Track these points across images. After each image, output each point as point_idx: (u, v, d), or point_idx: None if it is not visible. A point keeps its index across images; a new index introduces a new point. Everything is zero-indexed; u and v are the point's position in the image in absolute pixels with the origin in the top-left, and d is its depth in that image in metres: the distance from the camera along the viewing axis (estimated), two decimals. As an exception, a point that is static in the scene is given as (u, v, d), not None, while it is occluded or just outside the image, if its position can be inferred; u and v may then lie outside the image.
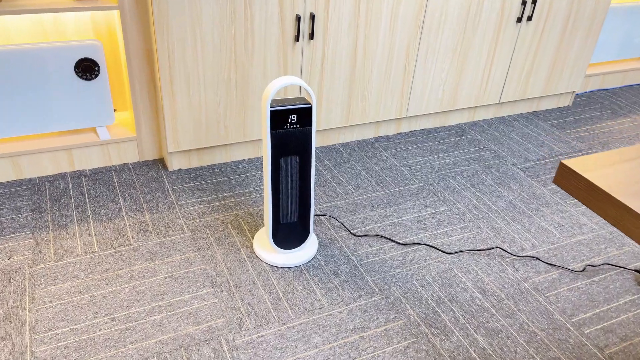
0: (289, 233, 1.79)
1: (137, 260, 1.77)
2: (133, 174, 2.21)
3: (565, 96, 3.04)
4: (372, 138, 2.60)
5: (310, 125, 1.64)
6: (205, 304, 1.63)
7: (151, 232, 1.90)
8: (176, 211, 2.01)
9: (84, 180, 2.15)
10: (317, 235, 1.93)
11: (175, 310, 1.60)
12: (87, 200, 2.04)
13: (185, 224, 1.95)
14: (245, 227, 1.95)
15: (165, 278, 1.71)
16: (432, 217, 2.07)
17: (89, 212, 1.98)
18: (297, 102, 1.61)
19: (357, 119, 2.47)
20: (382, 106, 2.48)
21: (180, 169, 2.26)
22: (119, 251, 1.81)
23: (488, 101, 2.75)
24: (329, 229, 1.97)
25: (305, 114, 1.61)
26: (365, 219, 2.04)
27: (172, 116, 2.09)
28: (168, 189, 2.13)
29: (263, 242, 1.85)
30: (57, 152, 2.13)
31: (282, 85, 1.56)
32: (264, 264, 1.79)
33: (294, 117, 1.61)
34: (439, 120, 2.73)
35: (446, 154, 2.51)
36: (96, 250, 1.81)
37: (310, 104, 1.61)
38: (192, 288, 1.68)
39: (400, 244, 1.92)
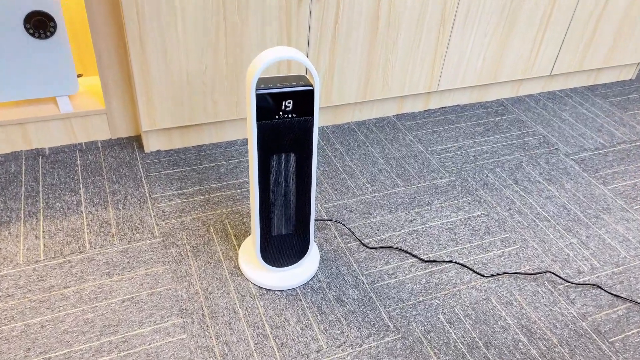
0: (283, 247, 1.40)
1: (91, 274, 1.41)
2: (101, 156, 1.82)
3: (629, 68, 2.54)
4: (394, 116, 2.17)
5: (312, 114, 1.22)
6: (170, 342, 1.27)
7: (113, 236, 1.53)
8: (148, 207, 1.63)
9: (40, 162, 1.77)
10: (320, 245, 1.55)
11: (129, 350, 1.24)
12: (41, 189, 1.67)
13: (157, 225, 1.58)
14: (230, 231, 1.57)
15: (123, 302, 1.35)
16: (465, 224, 1.66)
17: (41, 205, 1.61)
18: (295, 83, 1.19)
19: (377, 93, 2.03)
20: (409, 78, 2.03)
21: (159, 151, 1.87)
22: (69, 261, 1.44)
23: (537, 73, 2.27)
24: (336, 236, 1.58)
25: (304, 99, 1.19)
26: (381, 224, 1.64)
27: (145, 87, 1.68)
28: (141, 177, 1.75)
29: (251, 255, 1.47)
30: (8, 127, 1.75)
31: (271, 61, 1.13)
32: (250, 285, 1.42)
33: (289, 103, 1.19)
34: (476, 94, 2.27)
35: (483, 139, 2.07)
36: (42, 258, 1.45)
37: (311, 85, 1.19)
38: (156, 317, 1.32)
39: (423, 260, 1.53)
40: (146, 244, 1.51)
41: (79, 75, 1.92)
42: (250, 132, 1.20)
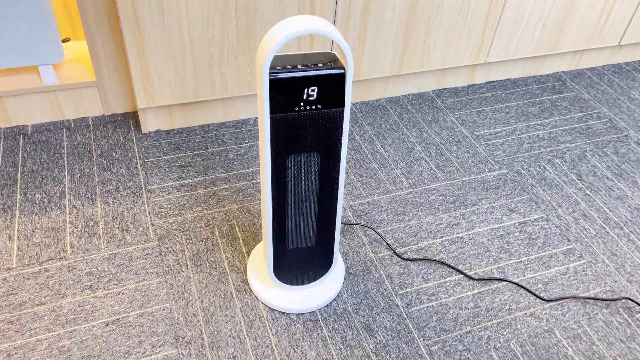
0: (301, 263, 1.15)
1: (71, 287, 1.18)
2: (91, 136, 1.57)
3: None
4: (433, 92, 1.86)
5: (342, 104, 0.93)
6: (161, 381, 1.04)
7: (100, 238, 1.29)
8: (142, 201, 1.38)
9: (21, 143, 1.52)
10: (345, 255, 1.29)
11: (111, 391, 1.02)
12: (19, 177, 1.42)
13: (152, 224, 1.33)
14: (239, 235, 1.32)
15: (107, 325, 1.12)
16: (520, 231, 1.38)
17: (18, 196, 1.37)
18: (321, 65, 0.90)
19: (415, 66, 1.72)
20: (453, 48, 1.72)
21: (158, 131, 1.60)
22: (47, 269, 1.21)
23: (602, 43, 1.93)
24: (364, 243, 1.32)
25: (333, 86, 0.91)
26: (418, 228, 1.37)
27: (140, 58, 1.40)
28: (136, 163, 1.49)
29: (262, 267, 1.22)
30: (-18, 101, 1.50)
31: (290, 36, 0.84)
32: (261, 306, 1.17)
33: (312, 91, 0.90)
34: (529, 67, 1.94)
35: (539, 121, 1.75)
36: (14, 265, 1.21)
37: (343, 68, 0.90)
38: (145, 346, 1.09)
39: (471, 277, 1.26)
40: (138, 249, 1.27)
41: (65, 40, 1.65)
42: (262, 126, 0.93)
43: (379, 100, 1.80)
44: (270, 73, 0.88)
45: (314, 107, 0.92)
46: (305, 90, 0.90)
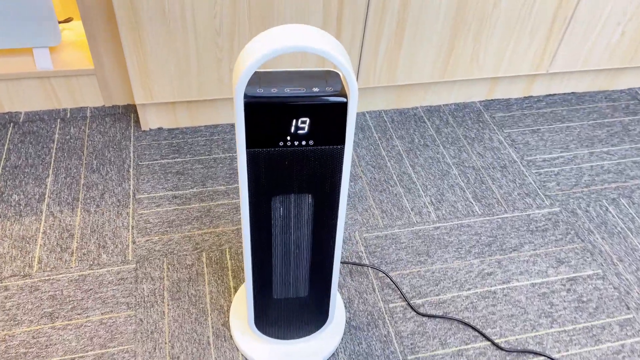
0: (290, 315, 0.95)
1: (29, 313, 1.03)
2: (86, 129, 1.41)
3: None
4: (480, 102, 1.60)
5: (342, 142, 0.72)
6: None
7: (73, 254, 1.13)
8: (127, 213, 1.22)
9: (9, 132, 1.38)
10: (349, 301, 1.08)
11: None
12: (0, 171, 1.29)
13: (134, 242, 1.16)
14: (229, 264, 1.13)
15: (59, 365, 0.96)
16: (568, 290, 1.13)
17: (-7, 196, 1.23)
18: (316, 89, 0.69)
19: (462, 72, 1.47)
20: (510, 53, 1.45)
21: (160, 129, 1.43)
22: (6, 288, 1.06)
23: (695, 56, 1.60)
24: (374, 289, 1.11)
25: (331, 118, 0.69)
26: (442, 275, 1.14)
27: (137, 48, 1.21)
28: (129, 165, 1.33)
29: (247, 313, 1.04)
30: (-29, 84, 1.36)
31: (275, 52, 0.63)
32: (240, 359, 0.99)
33: (303, 122, 0.69)
34: (600, 81, 1.65)
35: (606, 148, 1.47)
36: (-28, 280, 1.08)
37: (345, 96, 0.68)
38: (98, 397, 0.93)
39: (499, 347, 1.03)
40: (112, 271, 1.11)
41: (67, 20, 1.49)
42: (239, 160, 0.73)
43: (415, 109, 1.56)
44: (247, 96, 0.67)
45: (304, 143, 0.71)
46: (294, 121, 0.69)
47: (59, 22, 1.48)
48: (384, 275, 1.13)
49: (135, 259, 1.13)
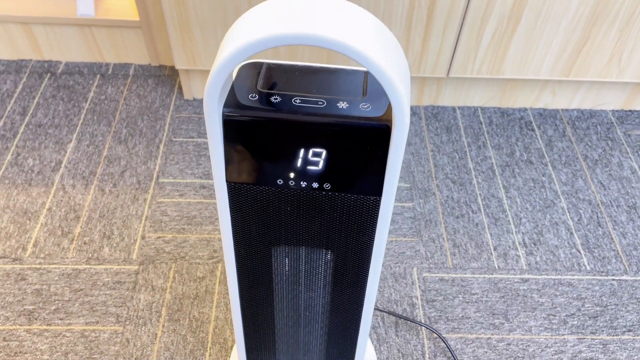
0: (298, 382, 0.71)
1: (8, 307, 0.87)
2: (125, 90, 1.22)
3: None
4: (614, 113, 1.22)
5: (378, 192, 0.45)
6: None
7: (73, 241, 0.96)
8: (145, 200, 1.02)
9: (43, 84, 1.23)
10: (389, 364, 0.82)
11: None
12: (21, 130, 1.14)
13: (143, 238, 0.97)
14: (247, 285, 0.91)
15: (22, 382, 0.80)
16: (703, 407, 0.79)
17: (8, 157, 1.09)
18: (345, 104, 0.42)
19: (594, 72, 1.10)
20: (667, 53, 1.06)
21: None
22: (-8, 271, 0.92)
23: None
24: (422, 354, 0.84)
25: (362, 153, 0.42)
26: (521, 349, 0.84)
27: (177, 1, 0.99)
28: (161, 140, 1.13)
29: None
30: (8, 25, 1.21)
31: (258, 47, 0.37)
32: (232, 418, 0.78)
33: (317, 154, 0.43)
34: None
35: None
36: (-40, 255, 0.94)
37: (388, 121, 0.41)
38: None
39: None
40: (110, 271, 0.92)
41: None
42: (216, 191, 0.48)
43: (524, 111, 1.21)
44: (230, 104, 0.41)
45: (315, 185, 0.45)
46: (301, 152, 0.43)
47: (114, -38, 1.30)
48: (439, 337, 0.85)
49: (139, 259, 0.94)
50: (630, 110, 1.22)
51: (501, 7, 0.98)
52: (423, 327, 0.87)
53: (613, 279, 0.94)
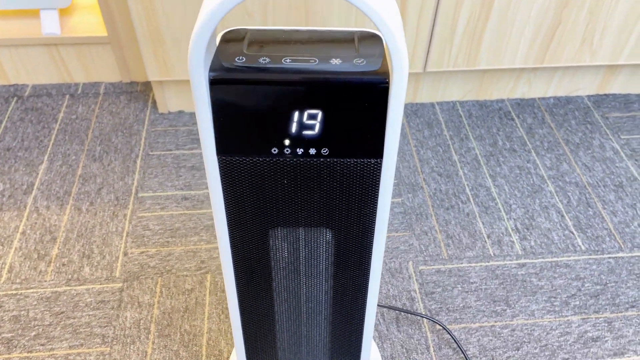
0: (302, 385, 0.68)
1: (-17, 337, 0.82)
2: (96, 108, 1.19)
3: None
4: (589, 98, 1.23)
5: (379, 153, 0.42)
6: None
7: (50, 263, 0.91)
8: (125, 215, 0.98)
9: (12, 107, 1.19)
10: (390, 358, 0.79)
11: None
12: (-11, 155, 1.09)
13: (126, 254, 0.92)
14: (239, 293, 0.87)
15: (3, 415, 0.74)
16: None
17: (-24, 183, 1.04)
18: (337, 59, 0.40)
19: (569, 57, 1.11)
20: (636, 36, 1.08)
21: (180, 113, 1.19)
22: (-36, 301, 0.86)
23: None
24: (426, 348, 0.81)
25: (360, 111, 0.40)
26: (526, 334, 0.82)
27: (145, 7, 0.97)
28: (137, 155, 1.09)
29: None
30: (-29, 49, 1.17)
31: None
32: None
33: (312, 117, 0.41)
34: None
35: None
36: None
37: (385, 75, 0.39)
38: None
39: None
40: (93, 291, 0.87)
41: (82, -22, 1.27)
42: (207, 170, 0.45)
43: (501, 102, 1.22)
44: (216, 68, 0.39)
45: (313, 151, 0.42)
46: (296, 115, 0.40)
47: (78, -18, 1.27)
48: (442, 328, 0.83)
49: (123, 276, 0.89)
50: (605, 94, 1.24)
51: (472, -4, 0.99)
52: (425, 321, 0.84)
53: (609, 257, 0.93)
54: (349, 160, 0.42)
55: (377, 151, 0.42)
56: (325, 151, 0.42)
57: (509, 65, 1.12)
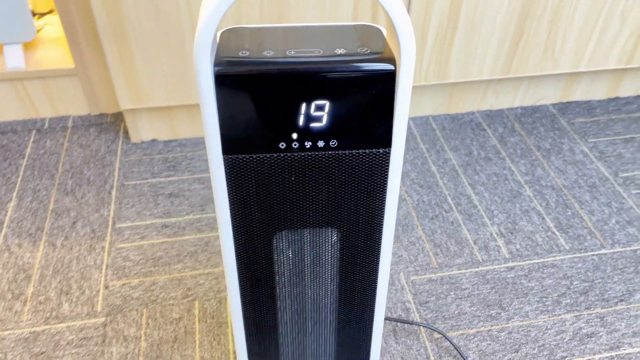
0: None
1: (-44, 386, 0.76)
2: (65, 142, 1.15)
3: None
4: (554, 105, 1.28)
5: (387, 143, 0.42)
6: None
7: (26, 302, 0.86)
8: (102, 248, 0.94)
9: (-26, 147, 1.14)
10: (395, 374, 0.77)
11: None
12: (-47, 196, 1.04)
13: (107, 287, 0.88)
14: (228, 319, 0.84)
15: None
16: None
17: (-60, 225, 0.98)
18: (342, 49, 0.40)
19: (532, 67, 1.16)
20: (595, 44, 1.14)
21: (154, 141, 1.16)
22: None
23: None
24: (426, 357, 0.80)
25: (368, 100, 0.40)
26: (523, 335, 0.82)
27: (116, 35, 0.95)
28: (112, 186, 1.06)
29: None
30: None
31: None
32: None
33: (319, 108, 0.40)
34: None
35: None
36: None
37: (392, 62, 0.39)
38: None
39: None
40: (74, 328, 0.83)
41: (45, 14, 1.25)
42: (212, 173, 0.44)
43: (472, 115, 1.25)
44: (220, 62, 0.38)
45: (321, 144, 0.42)
46: (303, 107, 0.40)
47: (40, 15, 1.25)
48: (441, 336, 0.82)
49: (105, 310, 0.85)
50: (568, 102, 1.29)
51: (439, 8, 1.02)
52: (422, 330, 0.82)
53: (593, 254, 0.94)
54: (357, 151, 0.42)
55: (386, 140, 0.41)
56: (333, 143, 0.41)
57: (478, 77, 1.15)
